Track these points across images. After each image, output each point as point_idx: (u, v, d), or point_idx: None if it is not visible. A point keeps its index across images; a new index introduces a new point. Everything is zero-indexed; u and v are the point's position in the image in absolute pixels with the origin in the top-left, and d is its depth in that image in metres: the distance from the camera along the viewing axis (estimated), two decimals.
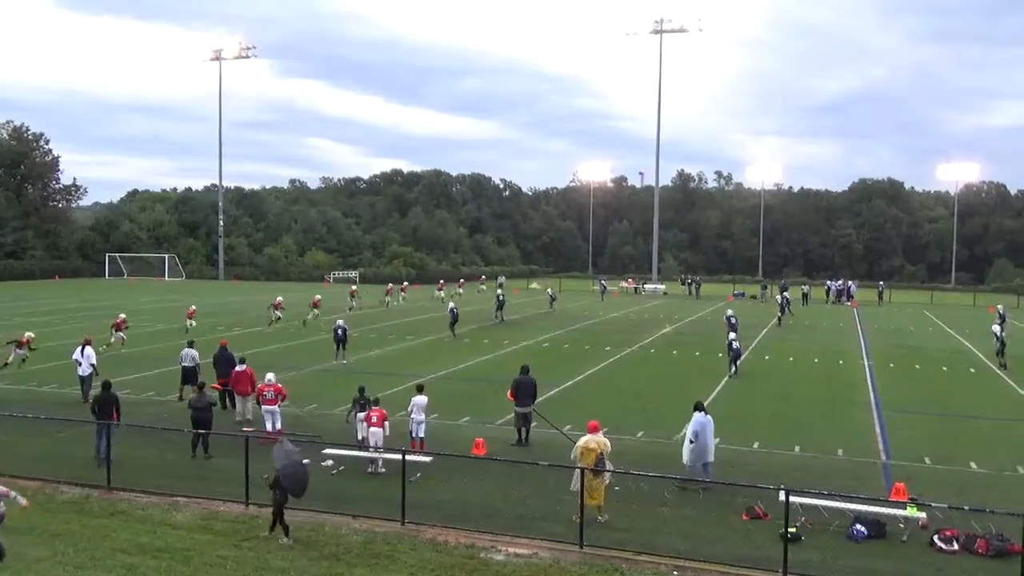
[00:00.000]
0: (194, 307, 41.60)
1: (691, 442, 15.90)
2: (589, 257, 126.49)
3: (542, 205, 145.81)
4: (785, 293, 57.83)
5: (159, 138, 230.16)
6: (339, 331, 31.37)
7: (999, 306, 51.20)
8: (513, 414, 19.51)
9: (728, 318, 38.12)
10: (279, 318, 42.53)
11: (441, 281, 67.24)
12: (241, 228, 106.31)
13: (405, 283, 65.77)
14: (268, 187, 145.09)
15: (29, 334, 28.75)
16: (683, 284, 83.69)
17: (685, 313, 54.23)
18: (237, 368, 20.91)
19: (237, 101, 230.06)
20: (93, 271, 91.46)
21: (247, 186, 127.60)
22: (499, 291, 53.44)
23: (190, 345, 24.51)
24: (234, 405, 21.26)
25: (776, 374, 30.43)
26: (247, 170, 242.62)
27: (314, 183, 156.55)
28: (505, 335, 39.89)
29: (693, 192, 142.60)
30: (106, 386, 17.99)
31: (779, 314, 49.95)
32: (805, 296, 66.97)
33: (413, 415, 18.04)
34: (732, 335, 30.95)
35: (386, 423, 17.49)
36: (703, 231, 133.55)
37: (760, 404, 24.62)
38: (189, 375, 22.95)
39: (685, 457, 16.07)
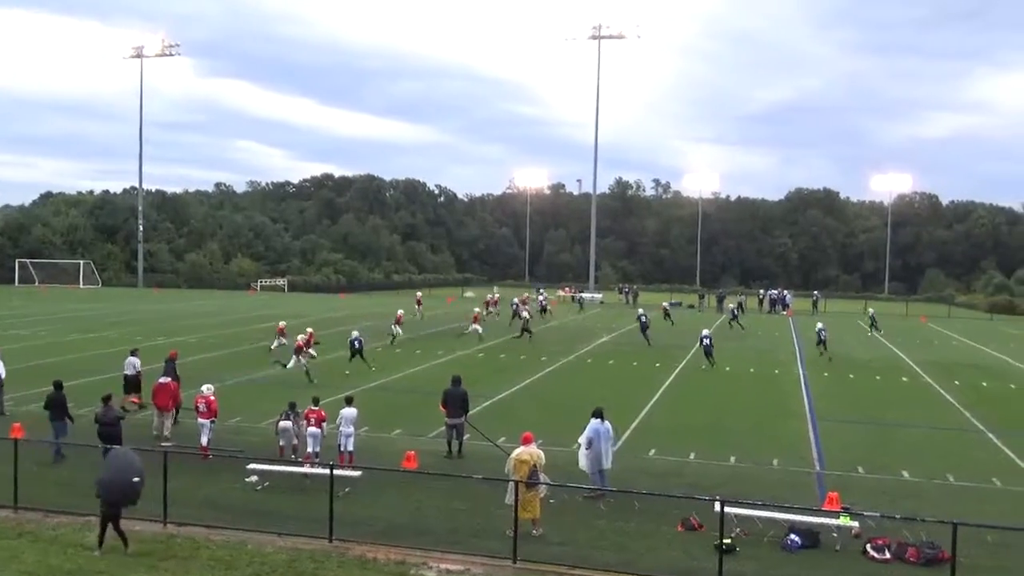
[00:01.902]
0: (284, 323, 37.38)
1: (586, 449, 16.08)
2: (526, 265, 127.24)
3: (478, 212, 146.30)
4: (741, 300, 60.67)
5: (76, 138, 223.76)
6: (356, 343, 31.99)
7: (870, 310, 56.36)
8: (445, 426, 19.43)
9: (639, 316, 43.36)
10: (399, 334, 40.73)
11: (419, 294, 59.96)
12: (162, 233, 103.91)
13: (419, 294, 60.44)
14: (192, 191, 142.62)
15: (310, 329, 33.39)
16: (620, 293, 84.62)
17: (622, 322, 54.75)
18: (160, 380, 20.44)
19: (159, 101, 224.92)
20: (1, 278, 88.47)
21: (169, 189, 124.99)
22: (541, 297, 54.24)
23: (132, 353, 24.09)
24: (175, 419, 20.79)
25: (713, 384, 30.94)
26: (169, 173, 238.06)
27: (241, 187, 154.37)
28: (440, 345, 39.78)
29: (631, 200, 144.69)
30: (58, 386, 17.96)
31: (730, 319, 52.72)
32: (740, 305, 68.39)
33: (342, 428, 17.93)
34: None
35: (324, 425, 17.58)
36: (641, 239, 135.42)
37: (696, 414, 24.99)
38: (131, 384, 22.41)
39: (581, 463, 16.21)
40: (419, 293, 60.60)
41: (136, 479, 12.91)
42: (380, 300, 78.40)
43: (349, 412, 18.05)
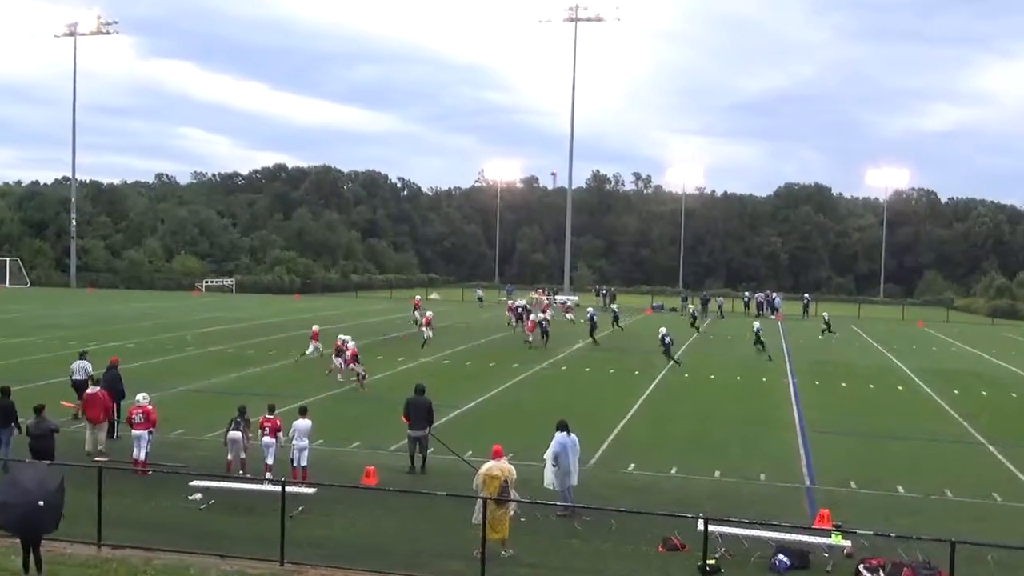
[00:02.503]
0: (317, 327, 37.45)
1: (553, 465, 16.16)
2: (495, 265, 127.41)
3: (444, 207, 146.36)
4: (720, 301, 62.72)
5: (1, 123, 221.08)
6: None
7: (824, 313, 58.05)
8: (407, 439, 19.40)
9: (591, 316, 45.05)
10: (430, 336, 41.81)
11: (417, 298, 59.41)
12: (98, 228, 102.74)
13: (417, 297, 59.96)
14: (131, 182, 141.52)
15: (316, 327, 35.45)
16: (597, 295, 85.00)
17: (599, 327, 54.71)
18: (89, 390, 20.20)
19: (95, 83, 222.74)
20: None
21: (106, 180, 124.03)
22: (614, 307, 56.12)
23: (82, 356, 23.96)
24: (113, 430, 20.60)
25: (696, 392, 31.19)
26: (106, 162, 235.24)
27: (184, 178, 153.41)
28: (401, 351, 39.72)
29: (609, 195, 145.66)
30: (5, 392, 17.99)
31: (691, 320, 55.68)
32: (719, 307, 69.87)
33: (295, 441, 17.82)
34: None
35: (279, 435, 17.65)
36: (620, 238, 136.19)
37: (678, 425, 25.17)
38: (82, 390, 22.18)
39: (547, 480, 16.30)
40: (417, 297, 60.07)
41: (42, 502, 11.65)
42: (337, 302, 78.29)
43: (303, 424, 17.94)
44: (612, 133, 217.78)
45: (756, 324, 44.89)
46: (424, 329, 42.71)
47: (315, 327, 37.07)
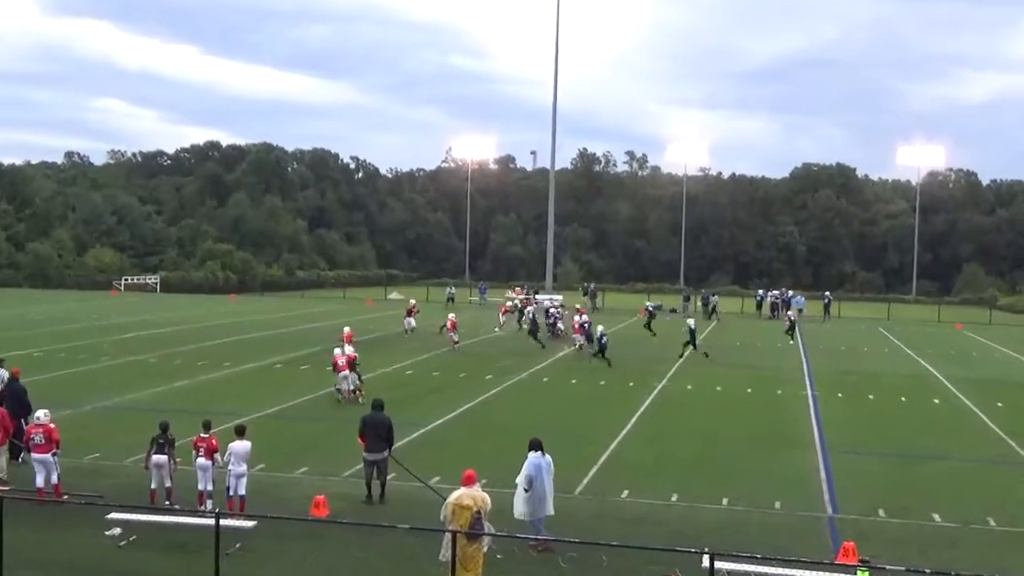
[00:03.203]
0: (349, 330, 39.02)
1: (525, 491, 16.17)
2: (466, 259, 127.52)
3: (405, 192, 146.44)
4: (714, 299, 62.63)
5: None
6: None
7: (789, 313, 59.72)
8: (363, 463, 19.31)
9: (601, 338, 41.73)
10: (413, 328, 44.63)
11: (413, 303, 57.07)
12: None
13: (413, 301, 58.73)
14: (35, 162, 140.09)
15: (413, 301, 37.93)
16: (585, 294, 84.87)
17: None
18: None
19: None
20: None
21: (7, 160, 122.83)
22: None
23: None
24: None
25: (701, 407, 31.25)
26: (7, 139, 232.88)
27: (100, 158, 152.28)
28: (360, 360, 39.29)
29: (599, 178, 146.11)
30: None
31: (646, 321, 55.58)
32: (713, 309, 70.24)
33: (231, 466, 17.69)
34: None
35: (216, 456, 17.62)
36: (611, 227, 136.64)
37: (681, 445, 25.18)
38: None
39: (517, 510, 16.30)
40: (413, 300, 59.64)
41: None
42: (280, 303, 77.96)
43: (241, 446, 17.81)
44: (602, 106, 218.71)
45: (690, 321, 46.23)
46: (451, 334, 44.66)
47: (347, 329, 38.99)
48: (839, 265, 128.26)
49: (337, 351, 31.36)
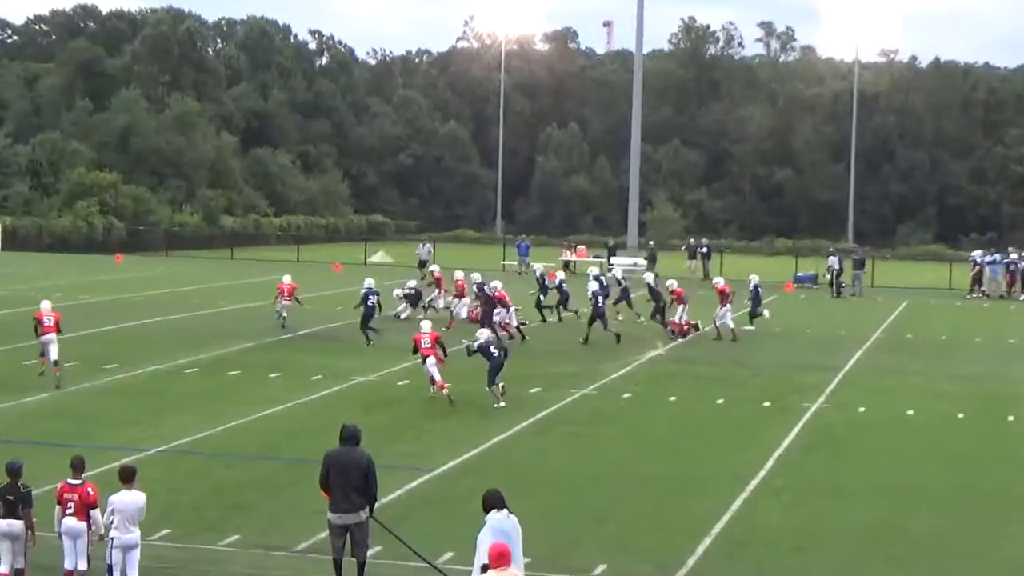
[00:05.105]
0: (290, 279, 37.09)
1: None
2: (498, 199, 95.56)
3: (399, 88, 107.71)
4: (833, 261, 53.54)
5: None
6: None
7: (746, 295, 42.53)
8: (328, 529, 15.08)
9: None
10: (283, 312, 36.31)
11: (436, 271, 44.22)
12: None
13: (435, 267, 46.01)
14: None
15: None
16: (692, 257, 69.46)
17: (692, 314, 42.33)
18: None
19: None
20: None
21: None
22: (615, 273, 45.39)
23: None
24: None
25: (881, 443, 24.30)
26: None
27: None
28: (323, 362, 31.02)
29: (715, 66, 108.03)
30: None
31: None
32: (836, 277, 55.01)
33: (115, 532, 13.86)
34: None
35: (94, 514, 13.70)
36: (736, 147, 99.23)
37: (849, 506, 19.10)
38: None
39: None
40: (435, 267, 45.98)
41: None
42: (193, 268, 60.02)
43: (130, 500, 13.85)
44: None
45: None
46: (512, 318, 34.20)
47: (286, 277, 36.79)
48: None
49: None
